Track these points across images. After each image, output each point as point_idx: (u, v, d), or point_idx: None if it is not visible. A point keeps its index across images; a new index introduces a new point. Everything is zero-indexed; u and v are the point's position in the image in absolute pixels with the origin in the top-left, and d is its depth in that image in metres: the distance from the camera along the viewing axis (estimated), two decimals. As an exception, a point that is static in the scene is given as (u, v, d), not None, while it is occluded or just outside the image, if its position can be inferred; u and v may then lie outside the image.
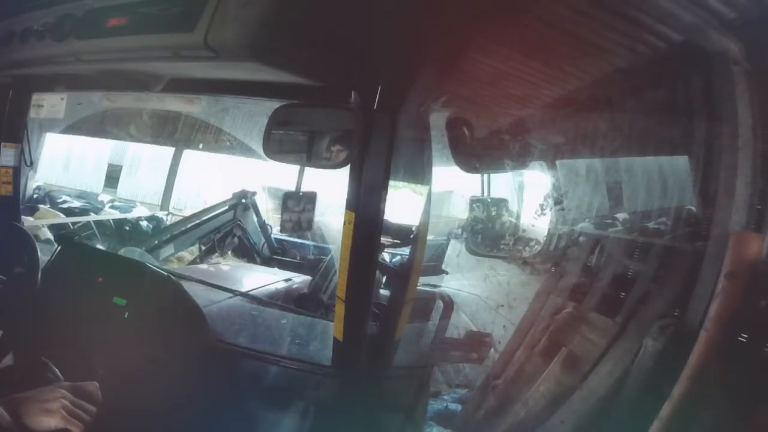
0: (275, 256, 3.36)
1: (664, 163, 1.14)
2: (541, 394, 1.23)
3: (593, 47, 1.09)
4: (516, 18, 1.02)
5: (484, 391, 1.36)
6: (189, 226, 2.98)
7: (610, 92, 1.17)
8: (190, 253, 3.37)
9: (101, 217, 4.57)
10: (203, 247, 3.27)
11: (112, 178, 5.75)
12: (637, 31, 0.99)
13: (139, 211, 4.97)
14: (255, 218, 3.00)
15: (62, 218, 4.33)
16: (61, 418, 1.00)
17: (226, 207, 2.97)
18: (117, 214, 4.86)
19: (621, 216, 1.43)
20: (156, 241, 2.83)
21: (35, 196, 4.86)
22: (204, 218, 3.01)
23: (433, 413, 1.66)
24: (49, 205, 4.70)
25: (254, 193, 2.92)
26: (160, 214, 5.02)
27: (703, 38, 0.91)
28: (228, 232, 3.02)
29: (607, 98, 1.19)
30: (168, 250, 2.85)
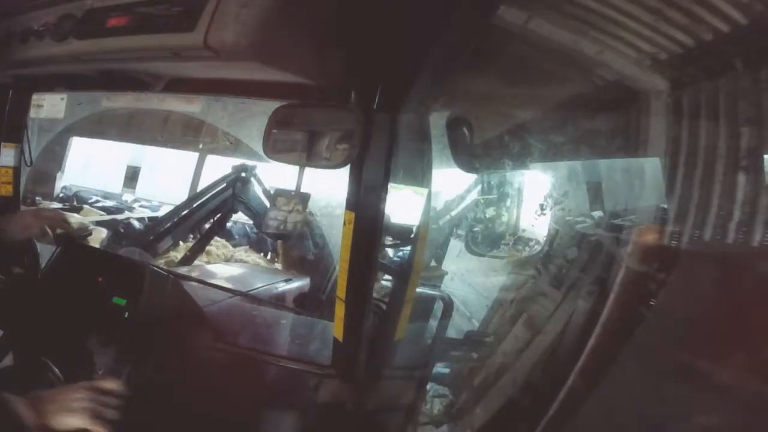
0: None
1: (601, 174, 1.49)
2: (509, 348, 1.69)
3: (551, 76, 1.29)
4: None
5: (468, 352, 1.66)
6: (184, 214, 2.82)
7: (567, 112, 1.39)
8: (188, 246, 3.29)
9: (140, 215, 4.60)
10: (203, 231, 3.07)
11: (131, 179, 5.84)
12: (583, 71, 1.24)
13: (166, 210, 5.02)
14: (258, 191, 2.79)
15: (105, 216, 4.35)
16: (86, 418, 0.99)
17: (224, 185, 2.78)
18: (149, 213, 4.99)
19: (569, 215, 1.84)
20: (151, 237, 2.72)
21: (61, 195, 4.92)
22: (199, 202, 2.83)
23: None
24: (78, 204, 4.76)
25: (254, 167, 2.76)
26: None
27: (630, 80, 1.18)
28: (228, 210, 2.85)
29: (563, 117, 1.40)
30: (166, 244, 2.75)
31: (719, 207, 1.04)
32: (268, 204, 2.49)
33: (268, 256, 4.95)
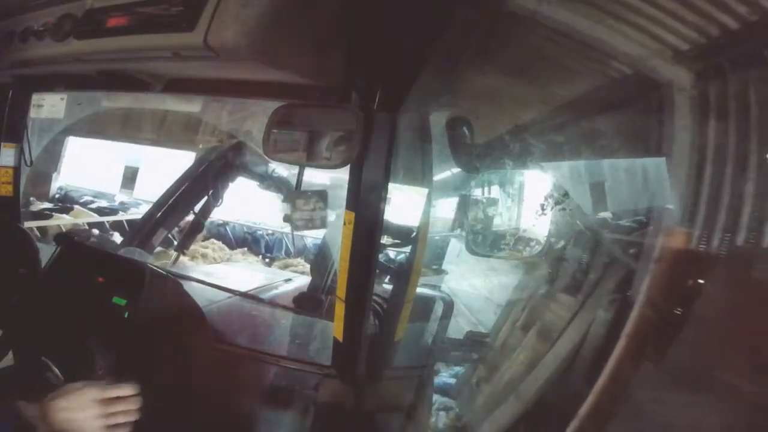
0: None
1: (620, 174, 1.34)
2: (520, 359, 1.54)
3: (567, 69, 1.22)
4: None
5: (476, 362, 1.57)
6: (172, 201, 2.69)
7: (584, 108, 1.31)
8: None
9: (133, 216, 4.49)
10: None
11: (130, 179, 5.81)
12: (601, 62, 1.15)
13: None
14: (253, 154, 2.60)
15: (96, 217, 4.31)
16: (98, 426, 0.99)
17: (214, 158, 2.63)
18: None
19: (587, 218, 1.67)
20: (145, 232, 2.64)
21: (57, 195, 4.89)
22: (186, 185, 2.69)
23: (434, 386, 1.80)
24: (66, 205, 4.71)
25: (248, 132, 2.58)
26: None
27: (653, 71, 1.08)
28: (226, 178, 2.69)
29: (580, 114, 1.33)
30: (160, 236, 2.67)
31: (752, 208, 0.96)
32: (268, 164, 2.36)
33: (266, 259, 4.92)
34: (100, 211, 4.74)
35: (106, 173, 5.78)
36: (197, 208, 2.71)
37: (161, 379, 1.47)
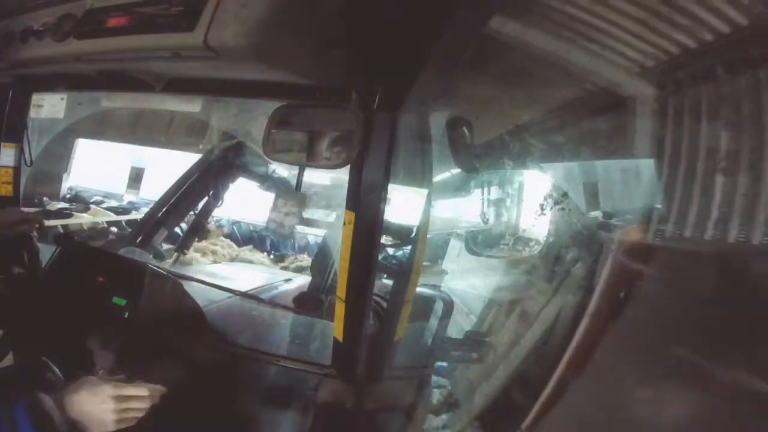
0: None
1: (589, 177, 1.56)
2: (503, 340, 1.80)
3: (546, 82, 1.36)
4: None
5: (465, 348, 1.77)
6: (174, 201, 2.68)
7: (563, 116, 1.48)
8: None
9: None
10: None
11: (136, 180, 5.87)
12: (577, 79, 1.31)
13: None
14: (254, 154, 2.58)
15: (113, 216, 4.37)
16: (114, 420, 1.03)
17: (215, 157, 2.62)
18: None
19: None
20: (145, 232, 2.64)
21: (68, 195, 4.95)
22: (187, 185, 2.69)
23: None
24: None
25: (248, 132, 2.55)
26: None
27: (619, 86, 1.26)
28: (227, 180, 2.69)
29: (558, 121, 1.49)
30: (161, 236, 2.67)
31: (699, 206, 1.10)
32: (268, 165, 2.36)
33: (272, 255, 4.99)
34: (114, 211, 4.79)
35: (112, 174, 5.81)
36: (200, 207, 2.73)
37: (161, 379, 1.47)
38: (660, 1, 1.02)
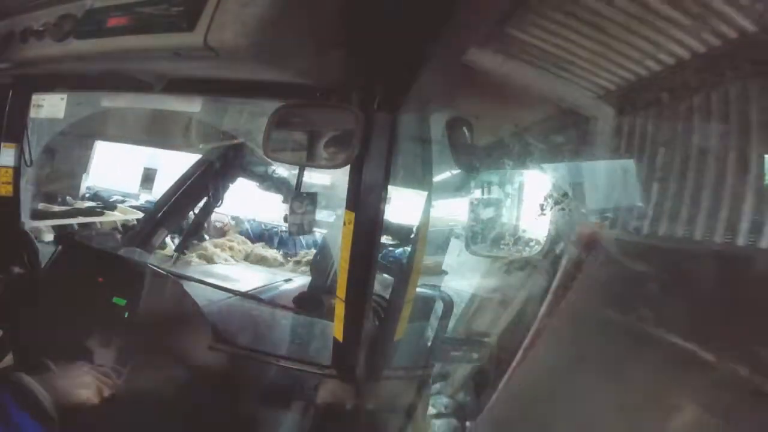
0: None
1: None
2: (487, 319, 2.01)
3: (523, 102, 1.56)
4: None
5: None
6: (174, 200, 2.67)
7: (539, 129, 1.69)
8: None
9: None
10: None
11: (148, 180, 5.98)
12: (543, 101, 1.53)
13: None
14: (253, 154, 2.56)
15: (140, 214, 4.48)
16: (92, 390, 1.17)
17: (214, 158, 2.59)
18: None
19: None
20: (144, 232, 2.64)
21: (86, 195, 5.09)
22: (187, 185, 2.68)
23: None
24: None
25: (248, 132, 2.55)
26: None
27: (584, 108, 1.47)
28: (226, 180, 2.68)
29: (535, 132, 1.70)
30: (161, 235, 2.67)
31: (638, 211, 1.36)
32: (268, 164, 2.36)
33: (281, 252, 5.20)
34: (140, 210, 4.95)
35: (126, 174, 5.94)
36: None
37: (160, 379, 1.47)
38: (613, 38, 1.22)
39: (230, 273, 2.93)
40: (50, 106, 1.65)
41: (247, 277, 2.76)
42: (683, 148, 1.24)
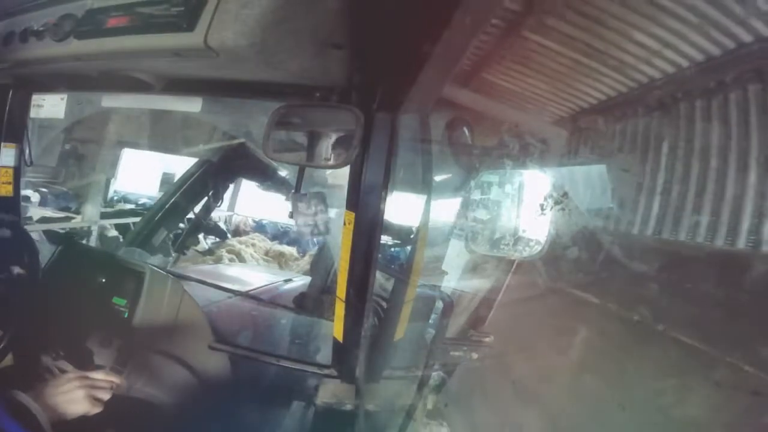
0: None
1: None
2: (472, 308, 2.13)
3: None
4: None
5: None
6: (172, 203, 2.67)
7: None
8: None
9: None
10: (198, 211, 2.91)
11: (167, 184, 6.21)
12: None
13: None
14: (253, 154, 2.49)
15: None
16: (85, 404, 1.13)
17: (214, 160, 2.58)
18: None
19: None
20: (144, 233, 2.63)
21: (114, 198, 5.37)
22: (186, 186, 2.68)
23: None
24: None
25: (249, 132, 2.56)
26: (229, 213, 6.09)
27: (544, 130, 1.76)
28: (226, 180, 2.67)
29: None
30: (161, 235, 2.67)
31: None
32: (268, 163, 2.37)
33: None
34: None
35: (147, 179, 6.19)
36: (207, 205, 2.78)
37: (160, 379, 1.47)
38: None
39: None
40: (50, 106, 1.65)
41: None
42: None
